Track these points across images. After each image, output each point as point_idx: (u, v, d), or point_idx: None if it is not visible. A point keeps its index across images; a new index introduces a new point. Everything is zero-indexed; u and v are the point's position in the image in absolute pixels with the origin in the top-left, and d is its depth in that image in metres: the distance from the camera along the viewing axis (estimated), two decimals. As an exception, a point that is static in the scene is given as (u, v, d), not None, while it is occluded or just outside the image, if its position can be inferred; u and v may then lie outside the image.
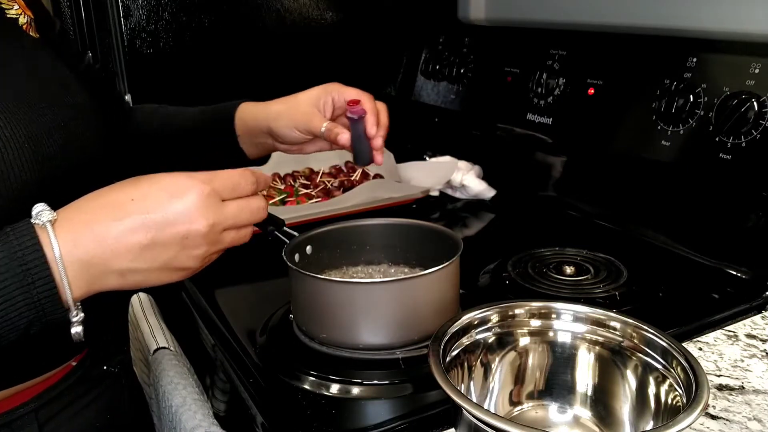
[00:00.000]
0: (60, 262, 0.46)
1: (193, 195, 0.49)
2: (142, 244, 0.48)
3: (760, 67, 0.76)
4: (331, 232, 0.76)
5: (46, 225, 0.46)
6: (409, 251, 0.76)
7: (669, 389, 0.50)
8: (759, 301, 0.73)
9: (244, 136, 0.79)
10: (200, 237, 0.50)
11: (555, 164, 1.09)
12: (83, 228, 0.47)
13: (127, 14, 1.13)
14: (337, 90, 0.76)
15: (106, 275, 0.48)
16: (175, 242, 0.49)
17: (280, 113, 0.76)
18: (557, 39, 1.05)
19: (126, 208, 0.48)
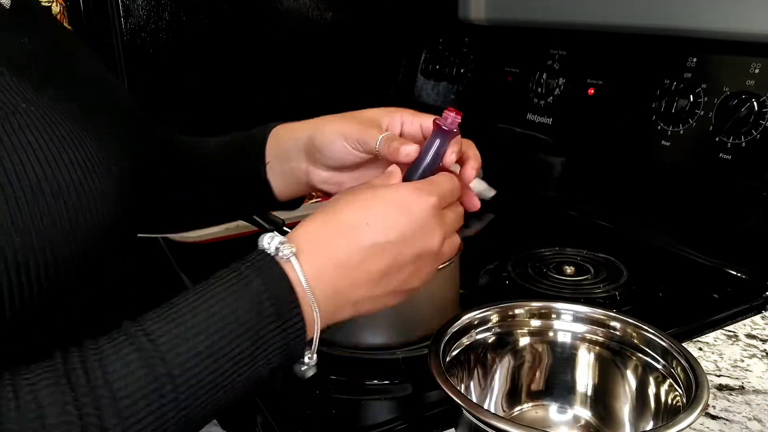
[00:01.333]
0: (311, 299, 0.42)
1: (425, 210, 0.46)
2: (381, 270, 0.45)
3: (760, 67, 0.76)
4: None
5: (291, 259, 0.42)
6: None
7: (669, 389, 0.50)
8: (759, 301, 0.73)
9: (274, 162, 0.64)
10: (432, 254, 0.47)
11: (555, 164, 1.09)
12: (325, 259, 0.44)
13: (127, 14, 1.13)
14: (410, 114, 0.59)
15: (343, 308, 0.45)
16: (411, 263, 0.46)
17: (326, 122, 0.59)
18: (557, 39, 1.05)
19: (364, 234, 0.45)
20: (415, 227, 0.46)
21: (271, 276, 0.42)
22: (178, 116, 1.19)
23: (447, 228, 0.49)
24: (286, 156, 0.63)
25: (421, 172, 0.51)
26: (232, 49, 1.23)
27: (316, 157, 0.60)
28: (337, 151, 0.58)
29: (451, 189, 0.50)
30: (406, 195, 0.47)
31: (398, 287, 0.47)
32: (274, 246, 0.43)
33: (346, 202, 0.47)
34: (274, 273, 0.42)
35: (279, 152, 0.64)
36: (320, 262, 0.44)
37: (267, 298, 0.41)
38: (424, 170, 0.51)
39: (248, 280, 0.41)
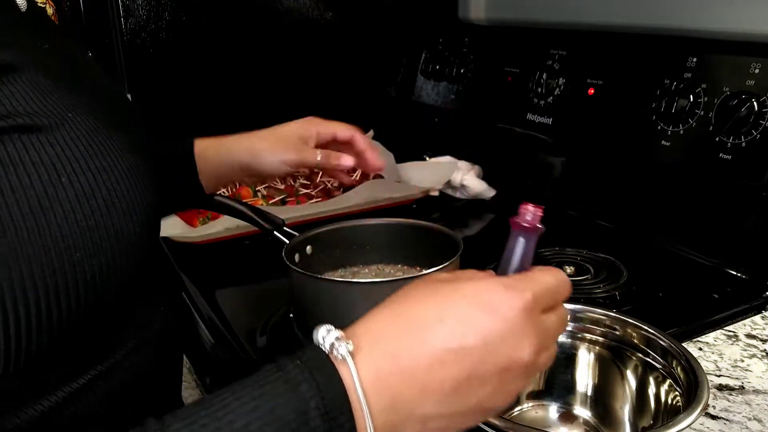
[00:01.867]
0: (366, 411, 0.35)
1: (515, 310, 0.38)
2: (455, 380, 0.37)
3: (760, 67, 0.76)
4: (331, 232, 0.75)
5: (346, 360, 0.36)
6: (408, 251, 0.76)
7: (669, 389, 0.50)
8: (759, 301, 0.73)
9: (206, 171, 0.74)
10: (522, 366, 0.38)
11: (555, 164, 1.09)
12: (388, 362, 0.37)
13: (127, 14, 1.13)
14: (320, 123, 0.75)
15: (406, 423, 0.37)
16: (494, 376, 0.38)
17: (263, 150, 0.73)
18: (557, 39, 1.05)
19: (435, 333, 0.37)
20: (502, 332, 0.38)
21: (322, 379, 0.35)
22: (178, 116, 1.19)
23: (544, 336, 0.40)
24: (217, 174, 0.74)
25: (513, 264, 0.44)
26: (232, 49, 1.23)
27: (256, 173, 0.73)
28: (277, 171, 0.73)
29: (555, 286, 0.41)
30: (491, 291, 0.39)
31: (477, 405, 0.38)
32: (329, 342, 0.36)
33: (420, 295, 0.40)
34: (326, 376, 0.35)
35: (210, 171, 0.73)
36: (381, 364, 0.37)
37: (315, 407, 0.34)
38: (519, 264, 0.44)
39: (296, 382, 0.35)
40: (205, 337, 0.76)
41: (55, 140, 0.39)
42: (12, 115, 0.37)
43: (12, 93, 0.38)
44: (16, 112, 0.37)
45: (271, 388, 0.35)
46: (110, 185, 0.40)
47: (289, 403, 0.34)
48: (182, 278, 0.86)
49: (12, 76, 0.39)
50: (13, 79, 0.39)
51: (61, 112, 0.40)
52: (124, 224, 0.41)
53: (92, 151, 0.40)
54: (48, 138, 0.38)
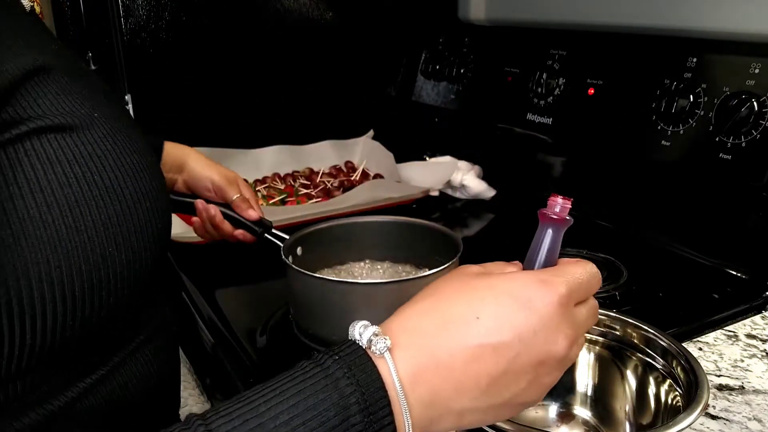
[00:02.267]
0: (404, 406, 0.36)
1: (552, 306, 0.38)
2: (491, 376, 0.37)
3: (760, 67, 0.76)
4: (323, 230, 0.75)
5: (384, 355, 0.36)
6: (406, 250, 0.76)
7: (669, 389, 0.50)
8: (759, 301, 0.73)
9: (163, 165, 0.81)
10: (557, 360, 0.39)
11: (555, 164, 1.09)
12: (425, 358, 0.37)
13: (127, 14, 1.13)
14: (250, 196, 0.84)
15: (443, 417, 0.38)
16: (530, 370, 0.38)
17: (203, 163, 0.83)
18: (557, 39, 1.05)
19: (472, 329, 0.37)
20: (537, 327, 0.38)
21: (361, 374, 0.35)
22: (178, 116, 1.19)
23: (576, 329, 0.40)
24: (167, 170, 0.81)
25: (540, 257, 0.43)
26: (232, 49, 1.23)
27: (185, 177, 0.82)
28: (200, 189, 0.82)
29: (587, 279, 0.41)
30: (527, 286, 0.39)
31: (512, 399, 0.39)
32: (366, 337, 0.37)
33: (454, 290, 0.40)
34: (366, 371, 0.36)
35: (164, 167, 0.80)
36: (419, 360, 0.37)
37: (355, 402, 0.34)
38: (547, 257, 0.43)
39: (336, 378, 0.35)
40: (205, 337, 0.76)
41: (86, 139, 0.40)
42: (47, 115, 0.38)
43: (45, 93, 0.39)
44: (51, 112, 0.39)
45: (312, 384, 0.35)
46: (135, 182, 0.42)
47: (329, 398, 0.34)
48: (182, 278, 0.86)
49: (43, 78, 0.40)
50: (44, 81, 0.40)
51: (89, 112, 0.41)
52: (148, 219, 0.43)
53: (118, 150, 0.42)
54: (80, 137, 0.40)
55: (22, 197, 0.36)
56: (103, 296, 0.39)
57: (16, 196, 0.36)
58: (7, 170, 0.36)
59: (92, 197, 0.39)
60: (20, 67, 0.38)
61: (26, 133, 0.37)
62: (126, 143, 0.43)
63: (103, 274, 0.39)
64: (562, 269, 0.41)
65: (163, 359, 0.51)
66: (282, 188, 1.13)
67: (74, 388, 0.42)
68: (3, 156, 0.36)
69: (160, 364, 0.51)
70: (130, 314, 0.46)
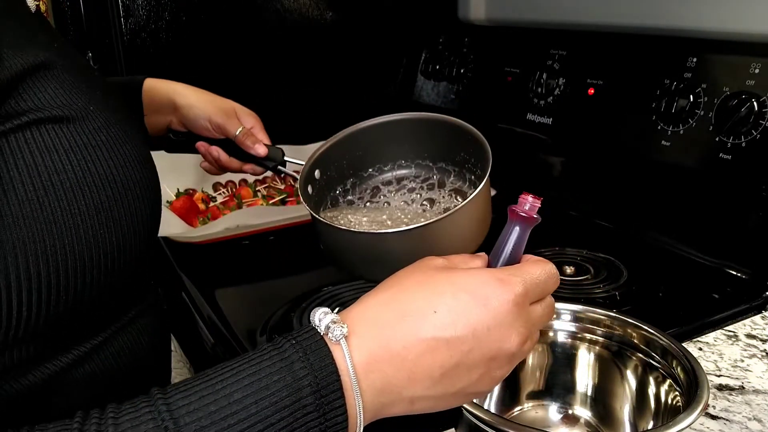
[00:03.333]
0: (356, 391, 0.37)
1: (507, 305, 0.40)
2: (444, 367, 0.39)
3: (760, 67, 0.76)
4: (338, 144, 0.68)
5: (340, 342, 0.38)
6: (432, 148, 0.69)
7: (669, 389, 0.50)
8: (759, 301, 0.73)
9: (150, 106, 0.80)
10: (509, 356, 0.41)
11: (555, 164, 1.09)
12: (380, 347, 0.39)
13: (127, 14, 1.13)
14: (258, 128, 0.81)
15: (394, 404, 0.40)
16: (482, 364, 0.40)
17: (198, 101, 0.79)
18: (557, 39, 1.05)
19: (428, 323, 0.39)
20: (491, 324, 0.40)
21: (316, 359, 0.37)
22: (178, 116, 1.19)
23: (530, 327, 0.42)
24: (156, 110, 0.79)
25: (500, 266, 0.45)
26: (232, 49, 1.23)
27: (181, 119, 0.78)
28: (199, 128, 0.78)
29: (544, 279, 0.43)
30: (485, 284, 0.41)
31: (463, 389, 0.41)
32: (325, 324, 0.38)
33: (415, 282, 0.42)
34: (321, 356, 0.37)
35: (151, 107, 0.79)
36: (374, 349, 0.39)
37: (308, 384, 0.36)
38: (505, 264, 0.45)
39: (291, 361, 0.37)
40: (205, 337, 0.76)
41: (82, 130, 0.43)
42: (47, 107, 0.41)
43: (45, 87, 0.42)
44: (50, 105, 0.42)
45: (268, 366, 0.37)
46: (126, 171, 0.45)
47: (283, 380, 0.36)
48: (182, 278, 0.86)
49: (45, 73, 0.42)
50: (46, 76, 0.42)
51: (85, 105, 0.44)
52: (137, 205, 0.45)
53: (112, 141, 0.45)
54: (77, 128, 0.43)
55: (21, 182, 0.39)
56: (94, 274, 0.42)
57: (16, 180, 0.39)
58: (8, 157, 0.39)
59: (86, 183, 0.42)
60: (23, 63, 0.41)
61: (26, 124, 0.40)
62: (120, 135, 0.45)
63: (94, 253, 0.42)
64: (521, 269, 0.43)
65: (152, 333, 0.54)
66: (282, 188, 1.13)
67: (68, 356, 0.45)
68: (5, 144, 0.39)
69: (149, 337, 0.53)
70: (121, 292, 0.49)
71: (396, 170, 0.72)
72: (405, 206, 0.69)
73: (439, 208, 0.68)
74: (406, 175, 0.72)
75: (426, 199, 0.70)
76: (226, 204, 1.06)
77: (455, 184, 0.70)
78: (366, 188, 0.71)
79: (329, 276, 0.82)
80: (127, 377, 0.50)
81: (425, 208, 0.69)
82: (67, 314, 0.42)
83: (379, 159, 0.71)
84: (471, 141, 0.65)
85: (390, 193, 0.71)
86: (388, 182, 0.72)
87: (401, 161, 0.72)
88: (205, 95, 0.80)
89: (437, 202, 0.69)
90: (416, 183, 0.71)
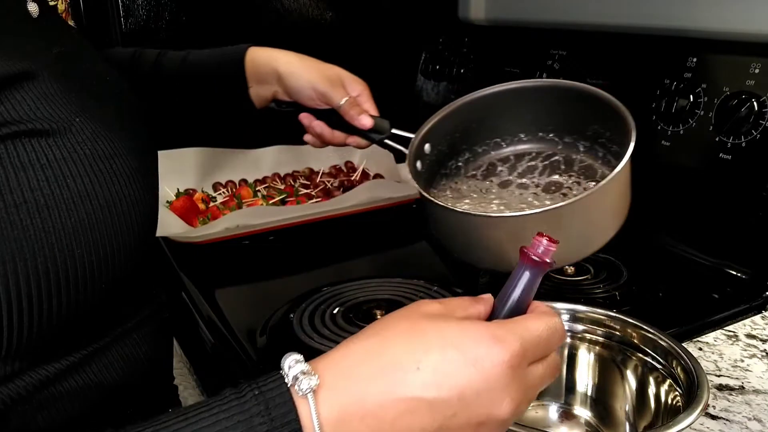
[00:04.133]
0: None
1: (501, 366, 0.35)
2: (424, 431, 0.35)
3: (760, 67, 0.76)
4: (447, 118, 0.62)
5: (308, 396, 0.34)
6: (552, 121, 0.62)
7: (669, 389, 0.50)
8: (759, 301, 0.73)
9: (253, 75, 0.77)
10: (499, 422, 0.36)
11: (555, 164, 1.09)
12: (353, 404, 0.35)
13: (127, 14, 1.13)
14: (366, 95, 0.76)
15: None
16: (467, 429, 0.36)
17: (300, 68, 0.76)
18: (557, 39, 1.05)
19: (409, 380, 0.35)
20: (481, 387, 0.35)
21: (278, 414, 0.34)
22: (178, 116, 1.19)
23: (526, 390, 0.37)
24: (261, 81, 0.76)
25: (505, 313, 0.41)
26: (232, 49, 1.23)
27: (284, 88, 0.76)
28: (303, 97, 0.75)
29: (547, 337, 0.38)
30: (478, 342, 0.36)
31: None
32: (293, 374, 0.35)
33: (400, 332, 0.37)
34: (284, 411, 0.34)
35: (255, 78, 0.76)
36: (346, 405, 0.34)
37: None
38: (510, 311, 0.41)
39: (250, 414, 0.34)
40: (205, 337, 0.76)
41: (62, 143, 0.41)
42: (24, 120, 0.39)
43: (24, 99, 0.40)
44: (28, 117, 0.39)
45: (226, 418, 0.34)
46: (111, 187, 0.43)
47: (237, 429, 0.33)
48: (182, 278, 0.86)
49: (26, 83, 0.40)
50: (27, 86, 0.40)
51: (69, 116, 0.42)
52: (122, 223, 0.43)
53: (96, 155, 0.42)
54: (56, 141, 0.40)
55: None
56: (71, 296, 0.40)
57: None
58: None
59: (62, 200, 0.40)
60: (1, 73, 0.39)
61: (0, 139, 0.38)
62: (106, 148, 0.43)
63: (71, 274, 0.40)
64: (521, 324, 0.38)
65: (149, 343, 0.53)
66: (282, 188, 1.13)
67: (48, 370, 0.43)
68: None
69: (148, 348, 0.52)
70: (105, 310, 0.47)
71: (515, 145, 0.63)
72: (524, 187, 0.61)
73: (565, 189, 0.59)
74: (526, 151, 0.63)
75: (549, 181, 0.61)
76: (226, 204, 1.06)
77: (584, 161, 0.62)
78: (480, 165, 0.63)
79: (329, 276, 0.82)
80: (121, 389, 0.49)
81: (547, 188, 0.60)
82: (39, 338, 0.40)
83: (495, 132, 0.64)
84: (608, 112, 0.57)
85: (506, 171, 0.62)
86: (504, 158, 0.63)
87: (521, 135, 0.63)
88: (309, 61, 0.77)
89: (561, 181, 0.60)
90: (537, 161, 0.62)
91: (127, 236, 0.44)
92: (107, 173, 0.43)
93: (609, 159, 0.58)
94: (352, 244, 0.99)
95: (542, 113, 0.61)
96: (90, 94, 0.46)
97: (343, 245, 0.99)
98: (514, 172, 0.61)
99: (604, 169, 0.60)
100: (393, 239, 1.01)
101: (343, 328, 0.68)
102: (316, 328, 0.68)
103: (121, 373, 0.49)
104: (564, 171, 0.60)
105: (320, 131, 0.75)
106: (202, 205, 1.06)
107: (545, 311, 0.40)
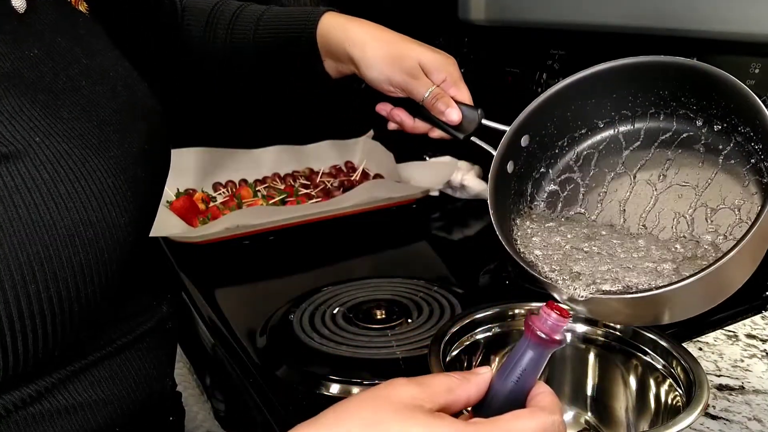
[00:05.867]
0: None
1: None
2: None
3: (760, 67, 0.76)
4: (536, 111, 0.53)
5: None
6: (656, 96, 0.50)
7: (669, 389, 0.50)
8: (759, 301, 0.73)
9: (325, 49, 0.69)
10: None
11: (555, 164, 1.09)
12: None
13: None
14: (455, 78, 0.67)
15: None
16: None
17: (376, 58, 0.65)
18: (557, 39, 1.05)
19: None
20: None
21: None
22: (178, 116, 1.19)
23: None
24: (335, 58, 0.69)
25: (503, 397, 0.35)
26: (232, 49, 1.23)
27: (359, 74, 0.67)
28: (383, 90, 0.66)
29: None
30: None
31: None
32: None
33: (359, 423, 0.32)
34: None
35: (328, 54, 0.69)
36: None
37: None
38: (509, 392, 0.35)
39: None
40: (205, 337, 0.76)
41: (16, 169, 0.36)
42: None
43: None
44: None
45: None
46: (75, 212, 0.38)
47: None
48: (182, 278, 0.86)
49: None
50: None
51: (28, 136, 0.37)
52: (89, 252, 0.38)
53: (58, 178, 0.38)
54: (8, 168, 0.36)
55: None
56: (38, 334, 0.36)
57: None
58: None
59: (14, 233, 0.35)
60: None
61: None
62: (73, 169, 0.38)
63: (27, 313, 0.36)
64: (504, 425, 0.32)
65: (148, 359, 0.51)
66: (282, 188, 1.13)
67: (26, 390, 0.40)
68: None
69: (144, 362, 0.50)
70: (82, 335, 0.43)
71: (631, 148, 0.49)
72: (650, 210, 0.46)
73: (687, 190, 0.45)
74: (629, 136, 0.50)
75: (677, 193, 0.46)
76: (226, 204, 1.06)
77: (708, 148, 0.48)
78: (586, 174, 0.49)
79: (329, 276, 0.82)
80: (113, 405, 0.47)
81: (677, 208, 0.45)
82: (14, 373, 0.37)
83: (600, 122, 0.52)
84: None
85: (621, 186, 0.46)
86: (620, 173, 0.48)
87: (635, 125, 0.50)
88: (382, 49, 0.65)
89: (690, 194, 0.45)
90: (658, 168, 0.48)
91: (95, 266, 0.39)
92: (71, 198, 0.38)
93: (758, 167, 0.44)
94: (352, 244, 0.99)
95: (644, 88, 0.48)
96: (66, 104, 0.41)
97: (343, 245, 0.99)
98: (635, 186, 0.48)
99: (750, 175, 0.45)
100: (393, 239, 1.01)
101: (343, 328, 0.68)
102: (316, 328, 0.68)
103: (114, 390, 0.46)
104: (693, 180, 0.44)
105: (400, 120, 0.67)
106: (202, 205, 1.06)
107: (544, 406, 0.34)
